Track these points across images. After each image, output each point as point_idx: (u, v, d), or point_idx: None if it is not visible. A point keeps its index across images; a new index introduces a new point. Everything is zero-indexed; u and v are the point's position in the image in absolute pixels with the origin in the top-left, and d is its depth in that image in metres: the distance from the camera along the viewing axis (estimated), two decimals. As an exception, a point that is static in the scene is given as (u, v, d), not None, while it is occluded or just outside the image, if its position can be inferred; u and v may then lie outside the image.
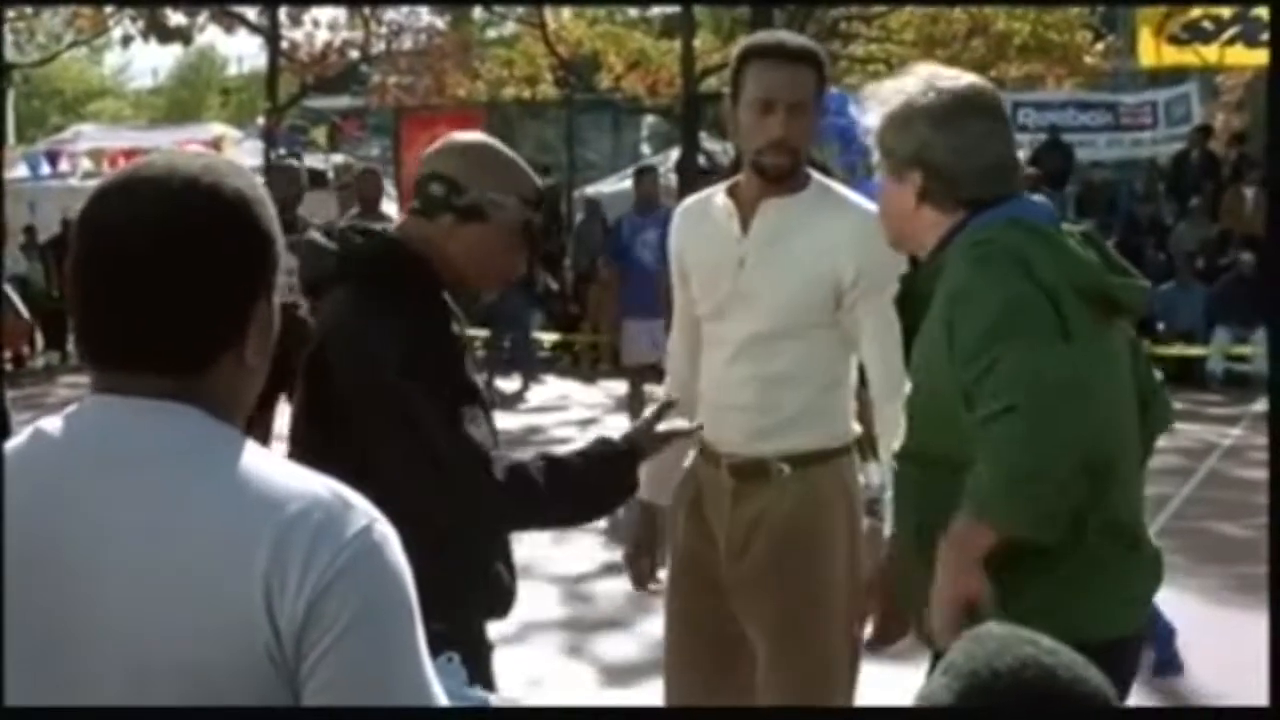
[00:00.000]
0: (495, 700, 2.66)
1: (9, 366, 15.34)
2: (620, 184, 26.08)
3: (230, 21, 28.31)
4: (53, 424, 1.66)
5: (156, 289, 1.60)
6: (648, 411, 3.02)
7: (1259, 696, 3.21)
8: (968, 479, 2.57)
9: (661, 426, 2.98)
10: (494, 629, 3.01)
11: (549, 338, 19.09)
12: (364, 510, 1.60)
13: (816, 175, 3.63)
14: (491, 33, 32.37)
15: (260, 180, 1.75)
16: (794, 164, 3.51)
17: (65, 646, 1.57)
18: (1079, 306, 2.70)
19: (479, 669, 2.74)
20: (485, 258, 2.86)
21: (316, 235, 2.95)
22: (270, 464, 1.62)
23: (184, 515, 1.55)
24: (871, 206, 3.56)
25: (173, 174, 1.64)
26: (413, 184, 2.94)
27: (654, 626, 7.35)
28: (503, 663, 3.08)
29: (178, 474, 1.58)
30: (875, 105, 2.96)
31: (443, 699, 1.62)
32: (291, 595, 1.52)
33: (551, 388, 16.20)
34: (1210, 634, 6.08)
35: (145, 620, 1.53)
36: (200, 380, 1.63)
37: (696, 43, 23.39)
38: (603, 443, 2.90)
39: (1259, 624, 3.14)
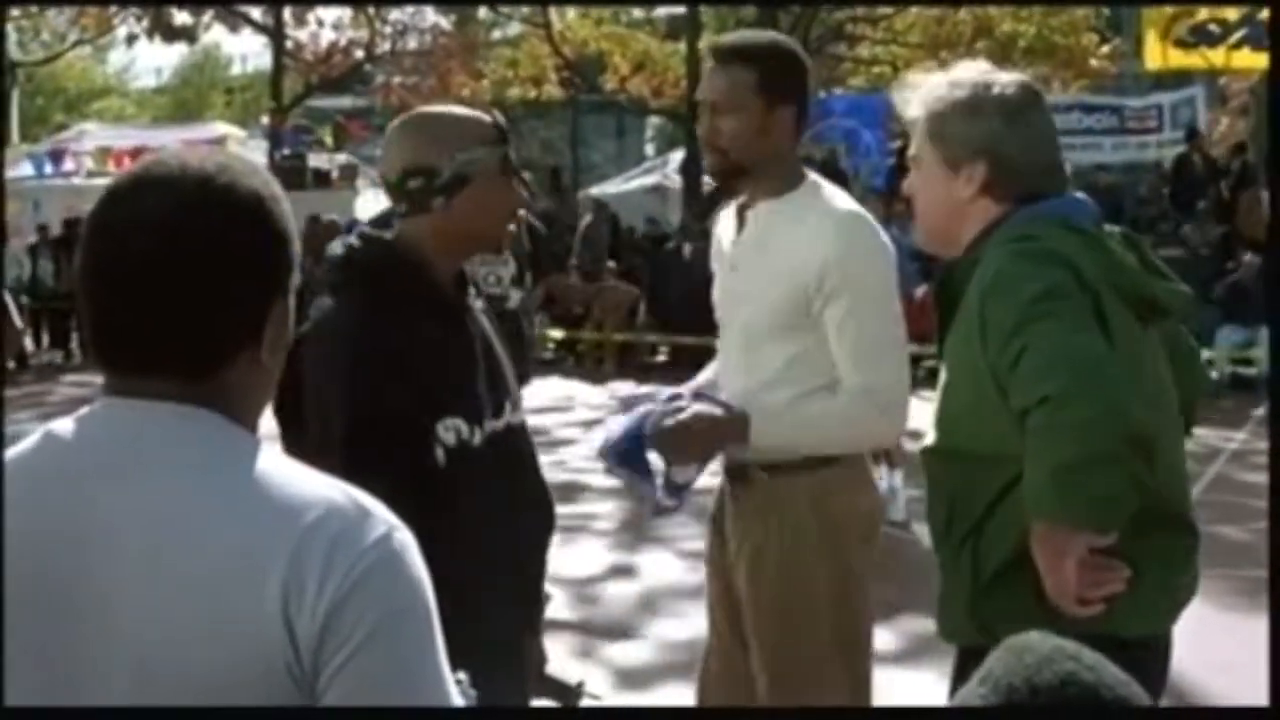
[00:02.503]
0: None
1: (11, 365, 15.34)
2: (624, 185, 26.10)
3: (235, 20, 28.34)
4: (63, 426, 1.63)
5: (169, 291, 1.56)
6: None
7: (1262, 699, 3.21)
8: (1025, 475, 2.50)
9: None
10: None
11: (555, 334, 19.07)
12: (382, 517, 1.57)
13: (813, 176, 3.55)
14: (496, 33, 32.36)
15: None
16: (724, 164, 3.45)
17: (75, 656, 1.54)
18: (1120, 308, 2.64)
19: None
20: (489, 211, 2.88)
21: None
22: (286, 469, 1.59)
23: (199, 523, 1.53)
24: (852, 205, 3.50)
25: (185, 174, 1.60)
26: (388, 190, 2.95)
27: (663, 629, 7.34)
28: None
29: (192, 480, 1.56)
30: (925, 95, 2.86)
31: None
32: (310, 605, 1.49)
33: (555, 387, 16.16)
34: (1214, 636, 6.07)
35: (159, 630, 1.51)
36: (214, 382, 1.61)
37: (701, 44, 23.37)
38: None
39: (1263, 626, 3.13)
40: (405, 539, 1.57)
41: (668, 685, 6.24)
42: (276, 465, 1.59)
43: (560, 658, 6.63)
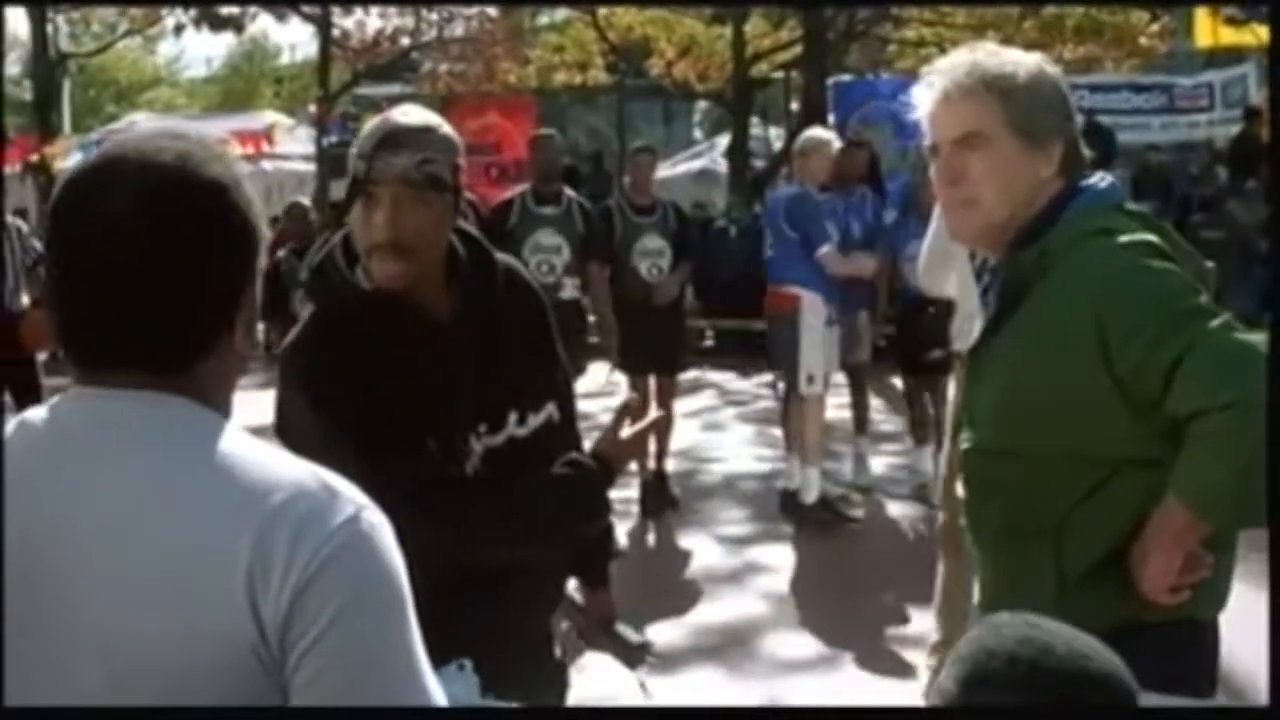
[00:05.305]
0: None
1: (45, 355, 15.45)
2: (672, 170, 26.02)
3: (282, 10, 28.44)
4: (37, 415, 1.62)
5: (139, 287, 1.55)
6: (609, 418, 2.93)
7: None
8: (1176, 475, 2.45)
9: (625, 431, 2.91)
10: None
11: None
12: (351, 498, 1.55)
13: None
14: (542, 19, 32.32)
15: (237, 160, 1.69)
16: None
17: (45, 642, 1.52)
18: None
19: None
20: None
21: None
22: (257, 452, 1.57)
23: (168, 508, 1.51)
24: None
25: (146, 165, 1.58)
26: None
27: (700, 613, 7.29)
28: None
29: (162, 465, 1.54)
30: (987, 73, 2.71)
31: (438, 694, 1.56)
32: (275, 589, 1.47)
33: (598, 375, 16.13)
34: (1263, 621, 5.97)
35: (127, 615, 1.49)
36: (190, 370, 1.59)
37: (747, 28, 23.28)
38: (571, 464, 2.82)
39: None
40: (375, 520, 1.55)
41: (699, 669, 6.22)
42: (246, 448, 1.57)
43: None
